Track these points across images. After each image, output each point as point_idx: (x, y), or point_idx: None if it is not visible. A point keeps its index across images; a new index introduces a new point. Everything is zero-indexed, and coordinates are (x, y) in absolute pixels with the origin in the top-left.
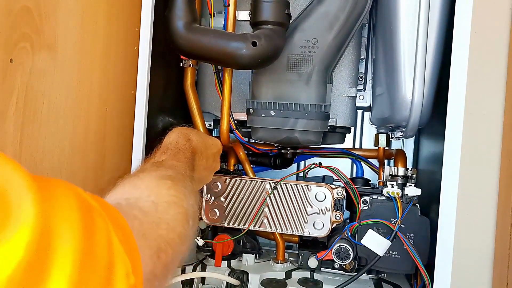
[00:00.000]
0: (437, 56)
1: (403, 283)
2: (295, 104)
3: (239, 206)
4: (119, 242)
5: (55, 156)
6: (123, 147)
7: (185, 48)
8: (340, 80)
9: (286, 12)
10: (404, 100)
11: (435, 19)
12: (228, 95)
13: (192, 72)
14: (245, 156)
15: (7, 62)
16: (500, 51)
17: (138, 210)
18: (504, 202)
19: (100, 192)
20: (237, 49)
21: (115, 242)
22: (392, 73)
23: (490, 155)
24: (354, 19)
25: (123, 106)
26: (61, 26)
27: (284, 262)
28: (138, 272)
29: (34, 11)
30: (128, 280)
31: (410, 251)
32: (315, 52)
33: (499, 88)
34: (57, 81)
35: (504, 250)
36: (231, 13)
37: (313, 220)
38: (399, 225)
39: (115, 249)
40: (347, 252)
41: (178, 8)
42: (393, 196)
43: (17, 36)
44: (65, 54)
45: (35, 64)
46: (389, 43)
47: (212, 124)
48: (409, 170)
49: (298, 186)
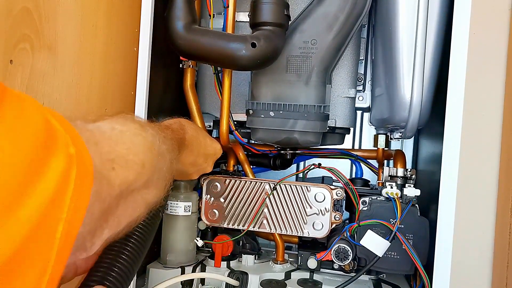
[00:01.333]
0: (436, 56)
1: (402, 284)
2: (295, 105)
3: (238, 207)
4: (57, 123)
5: None
6: None
7: (184, 49)
8: (340, 81)
9: (285, 13)
10: (403, 101)
11: (434, 20)
12: (228, 96)
13: (192, 73)
14: (244, 157)
15: (7, 63)
16: (499, 51)
17: (95, 127)
18: (503, 202)
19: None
20: (236, 50)
21: (52, 121)
22: (391, 74)
23: (489, 155)
24: (353, 20)
25: (122, 107)
26: (61, 27)
27: (283, 262)
28: (81, 149)
29: (34, 12)
30: (67, 149)
31: (409, 252)
32: (314, 53)
33: (498, 88)
34: (57, 82)
35: (503, 250)
36: (231, 14)
37: (313, 220)
38: (398, 226)
39: (52, 125)
40: (347, 253)
41: (177, 9)
42: (392, 196)
43: (17, 37)
44: (65, 55)
45: (35, 65)
46: (388, 44)
47: (212, 125)
48: (408, 171)
49: (297, 187)
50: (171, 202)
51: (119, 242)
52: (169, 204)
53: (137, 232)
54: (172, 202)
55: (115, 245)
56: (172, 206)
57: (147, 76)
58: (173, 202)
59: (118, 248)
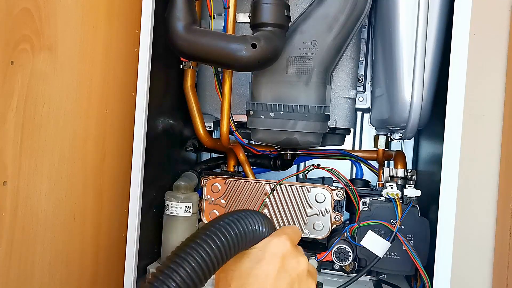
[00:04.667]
0: (436, 57)
1: (402, 284)
2: (295, 106)
3: (238, 207)
4: None
5: (56, 158)
6: (123, 148)
7: (185, 50)
8: (340, 81)
9: (285, 14)
10: (403, 102)
11: (434, 20)
12: (228, 97)
13: (192, 74)
14: (245, 157)
15: (8, 64)
16: (499, 52)
17: None
18: (503, 203)
19: (99, 193)
20: (236, 50)
21: None
22: (391, 75)
23: (489, 156)
24: (353, 20)
25: (123, 108)
26: (61, 28)
27: None
28: None
29: (34, 13)
30: None
31: (410, 252)
32: (314, 54)
33: (498, 89)
34: (57, 82)
35: (503, 251)
36: (231, 15)
37: (313, 221)
38: (398, 226)
39: None
40: (347, 253)
41: (178, 10)
42: (393, 197)
43: (17, 37)
44: (65, 56)
45: (35, 65)
46: (388, 45)
47: (212, 125)
48: (409, 172)
49: (297, 187)
50: (171, 203)
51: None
52: (170, 205)
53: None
54: (172, 203)
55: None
56: (172, 207)
57: (147, 77)
58: (174, 203)
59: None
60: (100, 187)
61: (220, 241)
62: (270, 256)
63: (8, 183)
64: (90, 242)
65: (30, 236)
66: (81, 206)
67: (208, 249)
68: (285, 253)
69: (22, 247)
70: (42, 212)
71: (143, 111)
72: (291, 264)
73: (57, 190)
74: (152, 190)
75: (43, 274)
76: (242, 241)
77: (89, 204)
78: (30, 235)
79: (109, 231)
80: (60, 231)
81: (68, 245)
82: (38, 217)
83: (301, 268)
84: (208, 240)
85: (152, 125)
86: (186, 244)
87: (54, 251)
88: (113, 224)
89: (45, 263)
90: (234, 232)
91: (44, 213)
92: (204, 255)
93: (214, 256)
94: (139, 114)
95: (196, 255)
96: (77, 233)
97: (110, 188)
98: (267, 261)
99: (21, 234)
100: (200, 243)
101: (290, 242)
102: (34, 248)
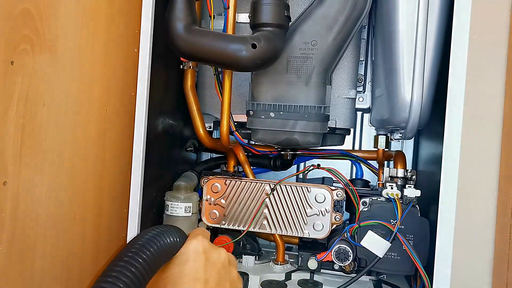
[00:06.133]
0: (436, 57)
1: (402, 284)
2: (295, 106)
3: (239, 207)
4: None
5: (56, 158)
6: (123, 148)
7: (185, 50)
8: (340, 82)
9: (285, 14)
10: (403, 102)
11: (434, 21)
12: (228, 97)
13: (192, 74)
14: (245, 157)
15: (8, 64)
16: (499, 52)
17: None
18: (503, 203)
19: (100, 193)
20: (237, 51)
21: None
22: (391, 75)
23: (489, 156)
24: (353, 21)
25: (123, 108)
26: (61, 28)
27: (284, 263)
28: None
29: (34, 13)
30: None
31: (410, 252)
32: (314, 54)
33: (498, 89)
34: (57, 83)
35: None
36: (231, 15)
37: (313, 221)
38: (398, 226)
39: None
40: (347, 254)
41: (178, 10)
42: (393, 197)
43: (17, 38)
44: (66, 56)
45: (36, 66)
46: (388, 45)
47: (212, 126)
48: (409, 172)
49: (298, 187)
50: (171, 203)
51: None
52: (170, 205)
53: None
54: (172, 203)
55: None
56: (172, 207)
57: (147, 77)
58: (174, 203)
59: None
60: (100, 187)
61: (142, 259)
62: (194, 254)
63: (8, 183)
64: (90, 242)
65: (30, 236)
66: (81, 206)
67: (134, 267)
68: (206, 248)
69: (22, 247)
70: (42, 212)
71: (143, 111)
72: (213, 257)
73: (57, 190)
74: (152, 190)
75: (43, 274)
76: (163, 253)
77: (89, 204)
78: (30, 235)
79: (109, 231)
80: (60, 231)
81: (68, 245)
82: (38, 217)
83: (223, 258)
84: (131, 260)
85: (152, 125)
86: (112, 267)
87: (54, 251)
88: (113, 224)
89: (45, 263)
90: (153, 248)
91: (44, 213)
92: (131, 274)
93: (140, 273)
94: (139, 114)
95: (124, 275)
96: (77, 233)
97: (110, 188)
98: (193, 259)
99: (21, 234)
100: (124, 264)
101: (206, 239)
102: (34, 248)
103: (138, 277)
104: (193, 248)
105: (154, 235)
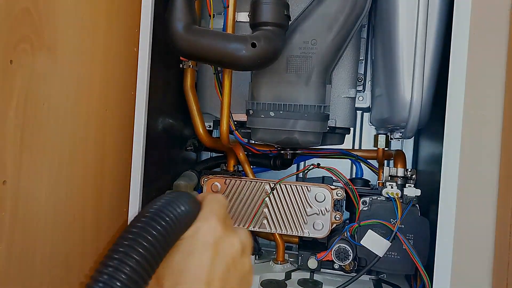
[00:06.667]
0: (436, 56)
1: (402, 284)
2: (295, 105)
3: (239, 207)
4: None
5: (55, 157)
6: (123, 148)
7: (184, 49)
8: (340, 81)
9: (285, 13)
10: (403, 101)
11: (434, 20)
12: (228, 96)
13: (192, 73)
14: (244, 157)
15: (7, 64)
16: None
17: None
18: (503, 203)
19: (100, 193)
20: (236, 50)
21: None
22: (391, 74)
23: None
24: (353, 20)
25: (123, 107)
26: (61, 28)
27: (284, 263)
28: None
29: (34, 13)
30: None
31: (410, 252)
32: (314, 53)
33: (498, 89)
34: (57, 82)
35: (504, 250)
36: (231, 15)
37: (313, 220)
38: (398, 226)
39: None
40: (347, 253)
41: (177, 9)
42: (393, 196)
43: (17, 37)
44: (65, 56)
45: (35, 65)
46: (388, 44)
47: (212, 125)
48: (409, 171)
49: (297, 187)
50: None
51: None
52: None
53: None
54: None
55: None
56: None
57: (147, 77)
58: None
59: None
60: (100, 186)
61: (154, 233)
62: (201, 245)
63: (8, 182)
64: (90, 241)
65: (30, 235)
66: (81, 205)
67: (148, 239)
68: (217, 238)
69: (22, 247)
70: (42, 211)
71: (143, 110)
72: (224, 250)
73: (57, 189)
74: (152, 190)
75: (43, 274)
76: (176, 226)
77: (89, 203)
78: (30, 234)
79: (109, 231)
80: (60, 230)
81: (68, 244)
82: (38, 217)
83: (235, 249)
84: (143, 232)
85: (152, 125)
86: (121, 241)
87: (54, 251)
88: (113, 224)
89: (45, 263)
90: (164, 221)
91: (44, 212)
92: (143, 251)
93: (155, 247)
94: (139, 113)
95: (135, 253)
96: (77, 232)
97: (110, 188)
98: (199, 252)
99: (21, 234)
100: (135, 237)
101: (220, 224)
102: (34, 248)
103: (152, 253)
104: (202, 237)
105: (168, 201)
